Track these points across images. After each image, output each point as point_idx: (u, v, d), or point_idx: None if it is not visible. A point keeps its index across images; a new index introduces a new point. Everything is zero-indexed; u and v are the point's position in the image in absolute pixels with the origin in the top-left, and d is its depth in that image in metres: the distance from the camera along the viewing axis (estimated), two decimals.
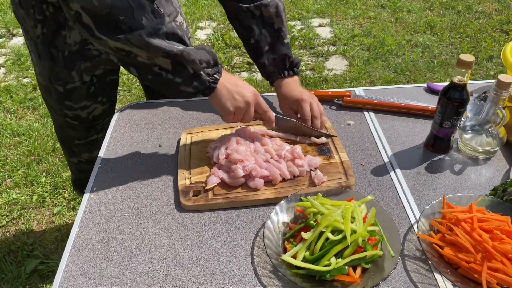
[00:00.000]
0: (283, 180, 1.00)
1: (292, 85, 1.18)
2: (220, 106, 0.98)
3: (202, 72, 0.93)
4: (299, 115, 1.16)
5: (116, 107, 1.40)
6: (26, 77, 3.13)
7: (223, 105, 0.97)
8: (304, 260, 0.80)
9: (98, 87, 1.28)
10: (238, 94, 0.97)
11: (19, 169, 2.32)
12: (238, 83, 0.98)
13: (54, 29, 1.12)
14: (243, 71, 3.16)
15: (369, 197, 0.87)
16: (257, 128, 1.16)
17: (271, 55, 1.18)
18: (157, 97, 1.40)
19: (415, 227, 0.90)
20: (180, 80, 0.92)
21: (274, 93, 1.24)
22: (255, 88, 1.01)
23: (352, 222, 0.81)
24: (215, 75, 0.95)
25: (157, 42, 0.87)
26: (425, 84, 1.35)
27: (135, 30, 0.86)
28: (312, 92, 1.29)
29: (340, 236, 0.79)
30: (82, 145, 1.38)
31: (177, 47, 0.89)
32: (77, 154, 1.43)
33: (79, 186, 1.59)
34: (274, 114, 1.06)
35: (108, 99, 1.33)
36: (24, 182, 2.26)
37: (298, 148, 1.04)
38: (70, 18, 0.88)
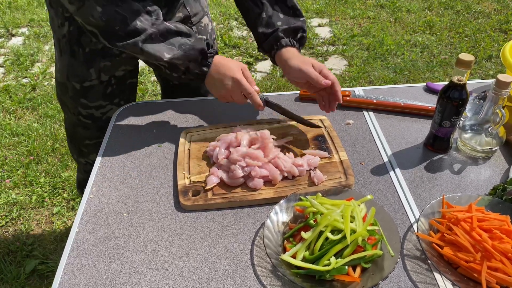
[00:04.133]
0: (283, 179, 1.00)
1: (296, 54, 1.13)
2: (210, 91, 1.12)
3: (191, 68, 1.07)
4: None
5: None
6: (25, 77, 3.13)
7: (211, 90, 1.11)
8: (304, 259, 0.80)
9: (116, 89, 1.29)
10: (221, 82, 1.07)
11: (18, 169, 2.32)
12: (221, 72, 1.07)
13: (80, 27, 1.14)
14: None
15: (369, 197, 0.87)
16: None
17: (283, 26, 1.15)
18: (172, 96, 1.43)
19: (414, 226, 0.90)
20: (176, 75, 1.09)
21: (273, 93, 1.24)
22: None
23: (351, 222, 0.81)
24: (203, 68, 1.07)
25: (150, 48, 1.00)
26: (425, 84, 1.35)
27: (132, 37, 0.99)
28: None
29: (339, 236, 0.79)
30: (92, 145, 1.38)
31: (167, 54, 1.01)
32: (85, 155, 1.43)
33: (83, 187, 1.58)
34: (261, 97, 1.10)
35: (126, 103, 1.34)
36: (23, 182, 2.26)
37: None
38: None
